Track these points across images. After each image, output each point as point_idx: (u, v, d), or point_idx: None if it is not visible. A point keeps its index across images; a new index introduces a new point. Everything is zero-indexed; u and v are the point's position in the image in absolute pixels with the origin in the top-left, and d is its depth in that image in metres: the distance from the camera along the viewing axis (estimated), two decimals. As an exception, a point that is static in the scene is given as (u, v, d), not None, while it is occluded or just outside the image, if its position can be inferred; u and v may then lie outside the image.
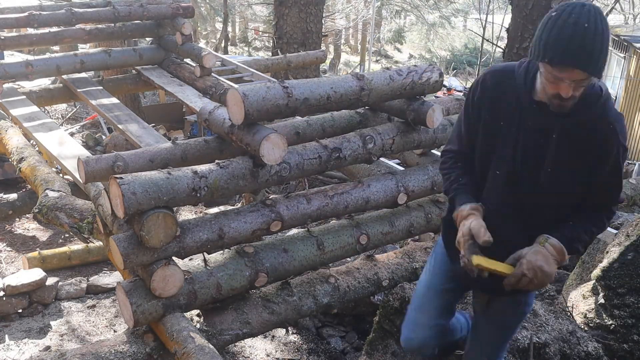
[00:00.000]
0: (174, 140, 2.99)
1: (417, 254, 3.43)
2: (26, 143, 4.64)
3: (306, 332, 4.32)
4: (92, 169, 2.76)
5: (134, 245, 2.40)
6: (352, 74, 2.86)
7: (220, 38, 19.71)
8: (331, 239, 3.03)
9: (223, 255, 2.78)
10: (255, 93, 2.49)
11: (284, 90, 2.55)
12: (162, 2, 6.13)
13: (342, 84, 2.75)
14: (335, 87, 2.72)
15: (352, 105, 2.91)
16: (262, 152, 2.49)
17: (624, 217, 4.28)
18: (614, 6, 13.98)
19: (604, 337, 2.87)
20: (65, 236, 6.34)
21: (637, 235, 3.01)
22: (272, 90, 2.53)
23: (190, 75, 5.80)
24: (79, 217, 3.49)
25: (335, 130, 3.26)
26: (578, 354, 2.74)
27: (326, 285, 3.03)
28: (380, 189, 3.09)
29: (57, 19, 5.61)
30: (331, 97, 2.70)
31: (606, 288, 2.97)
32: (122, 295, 2.51)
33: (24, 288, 4.71)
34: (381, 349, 3.10)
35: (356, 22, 21.91)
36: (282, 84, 2.57)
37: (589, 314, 2.98)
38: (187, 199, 2.45)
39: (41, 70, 5.60)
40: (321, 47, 9.36)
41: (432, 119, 3.01)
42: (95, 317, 4.81)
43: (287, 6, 8.69)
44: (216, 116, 2.94)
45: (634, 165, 8.19)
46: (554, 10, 1.71)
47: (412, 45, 27.54)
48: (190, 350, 2.30)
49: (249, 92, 2.48)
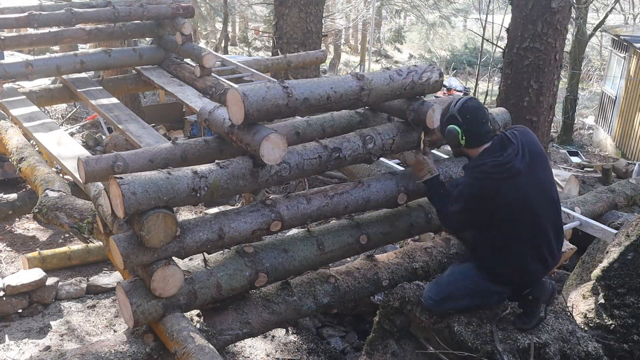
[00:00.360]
0: (174, 140, 2.99)
1: (417, 254, 3.43)
2: (26, 143, 4.64)
3: (306, 332, 4.32)
4: (92, 169, 2.76)
5: (134, 245, 2.40)
6: (352, 73, 2.85)
7: (220, 38, 19.71)
8: (331, 239, 3.03)
9: (223, 255, 2.78)
10: (255, 93, 2.49)
11: (284, 90, 2.55)
12: (162, 2, 6.13)
13: (342, 84, 2.75)
14: (335, 87, 2.72)
15: (352, 106, 2.91)
16: (262, 152, 2.49)
17: (624, 217, 4.28)
18: (614, 6, 13.97)
19: (604, 337, 2.87)
20: (65, 236, 6.34)
21: (637, 235, 3.01)
22: (272, 90, 2.53)
23: (190, 75, 5.80)
24: (79, 217, 3.49)
25: (335, 130, 3.26)
26: (578, 354, 2.74)
27: (326, 285, 3.03)
28: (380, 189, 3.08)
29: (57, 19, 5.61)
30: (331, 97, 2.70)
31: (606, 288, 2.97)
32: (122, 295, 2.51)
33: (24, 288, 4.71)
34: (381, 349, 3.10)
35: (356, 22, 21.90)
36: (282, 84, 2.57)
37: (589, 314, 2.98)
38: (187, 199, 2.45)
39: (41, 70, 5.59)
40: (321, 47, 9.35)
41: (432, 119, 3.01)
42: (95, 317, 4.81)
43: (287, 6, 8.69)
44: (216, 116, 2.94)
45: (633, 166, 8.19)
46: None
47: (412, 45, 27.52)
48: (190, 350, 2.30)
49: (249, 92, 2.48)
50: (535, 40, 6.99)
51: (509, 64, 7.28)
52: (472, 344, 2.71)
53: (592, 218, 4.00)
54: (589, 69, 19.56)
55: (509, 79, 7.31)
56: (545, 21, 6.90)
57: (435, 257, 3.47)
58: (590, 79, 19.85)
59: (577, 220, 3.73)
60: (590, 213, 4.24)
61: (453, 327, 2.80)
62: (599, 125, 13.93)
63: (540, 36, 6.96)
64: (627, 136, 11.93)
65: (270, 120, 2.87)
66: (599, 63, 19.74)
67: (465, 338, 2.74)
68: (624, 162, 8.94)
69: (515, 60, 7.17)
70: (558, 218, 2.79)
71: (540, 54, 7.01)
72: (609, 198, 4.56)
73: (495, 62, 17.34)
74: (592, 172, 8.37)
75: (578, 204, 4.31)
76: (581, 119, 15.83)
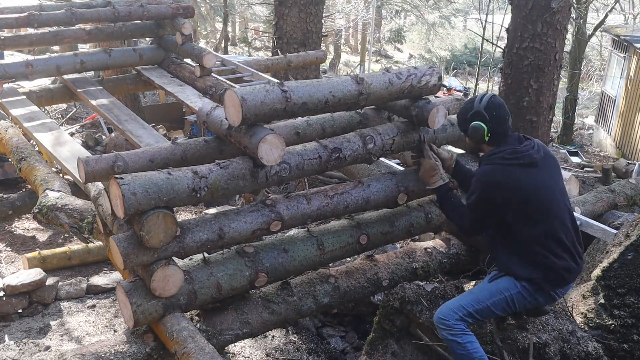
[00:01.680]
0: (174, 140, 2.99)
1: (417, 254, 3.43)
2: (26, 143, 4.64)
3: (306, 332, 4.32)
4: (92, 169, 2.76)
5: (134, 245, 2.40)
6: (352, 76, 2.83)
7: (220, 38, 19.71)
8: (331, 239, 3.03)
9: (223, 255, 2.78)
10: (254, 97, 2.48)
11: (282, 94, 2.54)
12: (162, 2, 6.13)
13: (340, 88, 2.73)
14: (334, 91, 2.70)
15: (349, 109, 2.92)
16: (260, 154, 2.49)
17: (624, 217, 4.28)
18: (614, 6, 13.96)
19: (604, 337, 2.87)
20: (65, 236, 6.34)
21: (637, 235, 3.01)
22: (271, 94, 2.52)
23: (190, 75, 5.80)
24: (79, 217, 3.49)
25: (335, 130, 3.26)
26: (578, 354, 2.74)
27: (326, 285, 3.03)
28: (380, 189, 3.08)
29: (57, 19, 5.61)
30: (329, 101, 2.70)
31: (606, 288, 2.97)
32: (122, 295, 2.51)
33: (24, 288, 4.71)
34: (381, 349, 3.10)
35: (356, 22, 21.89)
36: (282, 87, 2.56)
37: (589, 314, 2.98)
38: (187, 199, 2.45)
39: (41, 70, 5.59)
40: (321, 47, 9.36)
41: (434, 120, 3.00)
42: (95, 317, 4.81)
43: (287, 6, 8.69)
44: (214, 117, 2.94)
45: (633, 166, 8.18)
46: None
47: (412, 45, 27.51)
48: (190, 350, 2.30)
49: (247, 95, 2.47)
50: (535, 40, 6.99)
51: (509, 64, 7.28)
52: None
53: (592, 218, 4.00)
54: (589, 69, 19.54)
55: (508, 79, 7.32)
56: (545, 21, 6.90)
57: (435, 257, 3.48)
58: (590, 79, 19.84)
59: (577, 220, 3.73)
60: (590, 213, 4.24)
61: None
62: (599, 125, 13.93)
63: (540, 36, 6.96)
64: (627, 136, 11.93)
65: (268, 122, 2.88)
66: (599, 63, 19.72)
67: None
68: (624, 162, 8.93)
69: (515, 60, 7.17)
70: (574, 220, 2.72)
71: (540, 54, 7.01)
72: (609, 198, 4.55)
73: (495, 62, 17.33)
74: (592, 172, 8.36)
75: (578, 204, 4.31)
76: (581, 119, 15.84)
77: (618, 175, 7.97)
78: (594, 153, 12.96)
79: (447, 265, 3.53)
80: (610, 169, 7.26)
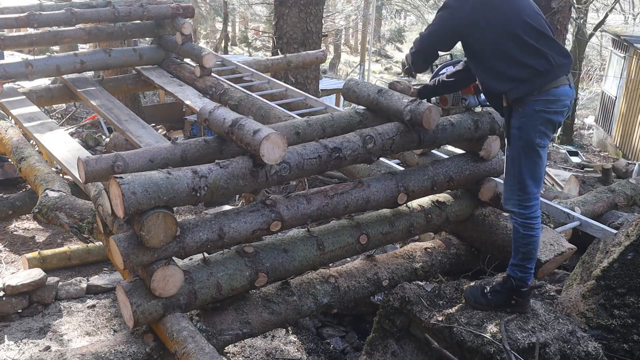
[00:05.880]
0: (174, 140, 2.99)
1: (417, 254, 3.43)
2: (26, 143, 4.64)
3: (306, 332, 4.32)
4: (92, 169, 2.75)
5: (134, 245, 2.40)
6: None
7: (220, 38, 19.71)
8: (331, 239, 3.03)
9: (223, 255, 2.78)
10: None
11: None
12: (162, 2, 6.14)
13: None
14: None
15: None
16: (262, 152, 2.49)
17: (624, 217, 4.28)
18: (614, 6, 13.96)
19: (604, 337, 2.87)
20: (65, 236, 6.34)
21: (637, 235, 3.01)
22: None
23: (190, 75, 5.80)
24: (79, 217, 3.49)
25: (335, 130, 3.26)
26: (578, 354, 2.74)
27: (326, 285, 3.03)
28: (380, 189, 3.08)
29: (57, 19, 5.61)
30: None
31: (606, 288, 2.97)
32: (122, 295, 2.51)
33: (24, 288, 4.71)
34: (381, 349, 3.10)
35: (356, 21, 21.90)
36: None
37: (588, 314, 2.97)
38: (187, 198, 2.45)
39: (41, 70, 5.60)
40: (321, 47, 9.35)
41: (428, 120, 3.00)
42: (95, 317, 4.81)
43: (287, 6, 8.69)
44: (216, 116, 2.94)
45: (633, 166, 8.18)
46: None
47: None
48: (190, 350, 2.30)
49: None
50: (535, 40, 6.97)
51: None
52: (472, 344, 2.71)
53: (592, 218, 3.99)
54: (589, 69, 19.55)
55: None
56: (545, 21, 6.89)
57: (435, 257, 3.48)
58: (590, 79, 19.85)
59: (577, 220, 3.73)
60: (590, 213, 4.23)
61: (453, 327, 2.80)
62: (599, 125, 13.93)
63: (540, 36, 6.94)
64: (627, 136, 11.93)
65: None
66: (599, 63, 19.72)
67: (465, 338, 2.74)
68: (624, 162, 8.93)
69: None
70: (549, 28, 2.72)
71: (540, 54, 6.99)
72: (609, 198, 4.55)
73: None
74: (592, 172, 8.36)
75: (578, 204, 4.31)
76: (581, 119, 15.84)
77: (618, 175, 7.96)
78: (594, 153, 12.97)
79: (447, 265, 3.53)
80: (610, 169, 7.24)
